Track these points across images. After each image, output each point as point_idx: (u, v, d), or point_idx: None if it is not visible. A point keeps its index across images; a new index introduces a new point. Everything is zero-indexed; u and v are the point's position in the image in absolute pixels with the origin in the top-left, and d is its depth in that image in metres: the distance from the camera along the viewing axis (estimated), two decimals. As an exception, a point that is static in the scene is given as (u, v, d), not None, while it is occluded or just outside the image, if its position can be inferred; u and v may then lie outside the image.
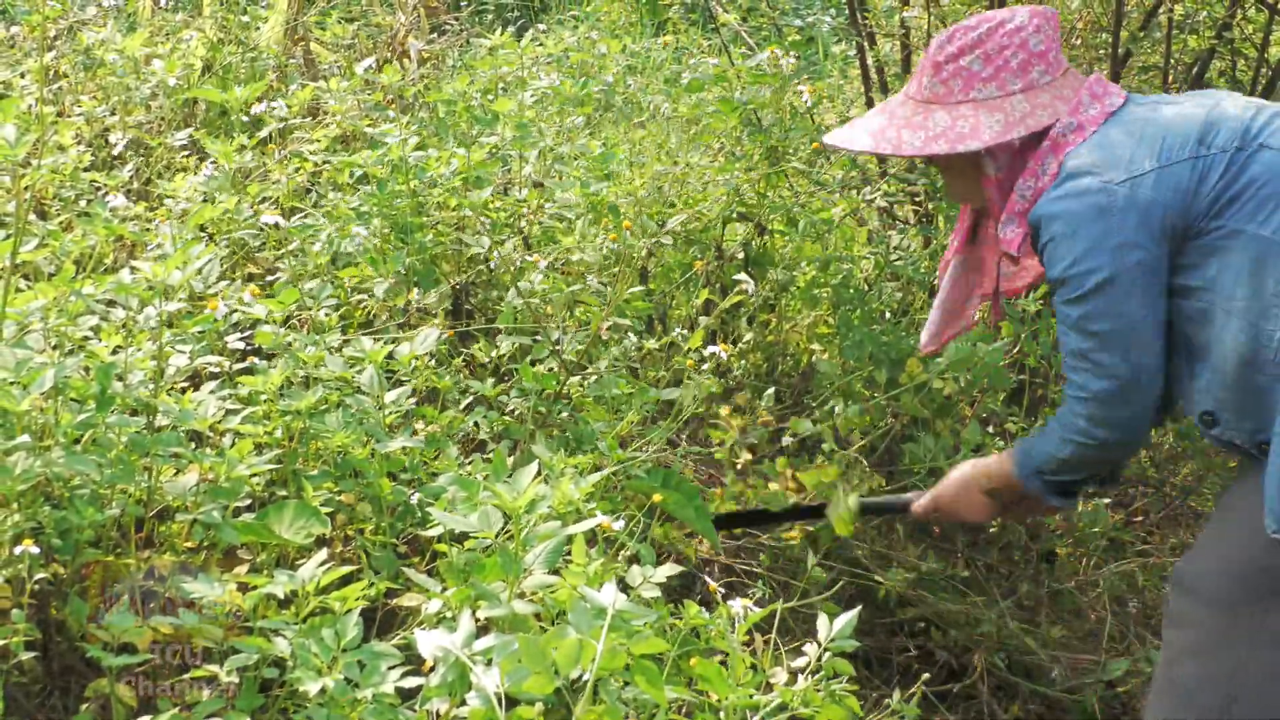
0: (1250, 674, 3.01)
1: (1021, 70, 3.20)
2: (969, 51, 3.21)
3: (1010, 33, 3.20)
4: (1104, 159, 3.05)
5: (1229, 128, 2.99)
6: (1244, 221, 2.90)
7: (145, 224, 4.22)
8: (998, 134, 3.17)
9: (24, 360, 2.80)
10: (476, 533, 2.78)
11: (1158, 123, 3.06)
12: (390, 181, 4.18)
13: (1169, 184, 2.96)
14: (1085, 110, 3.16)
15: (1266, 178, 2.91)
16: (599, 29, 7.53)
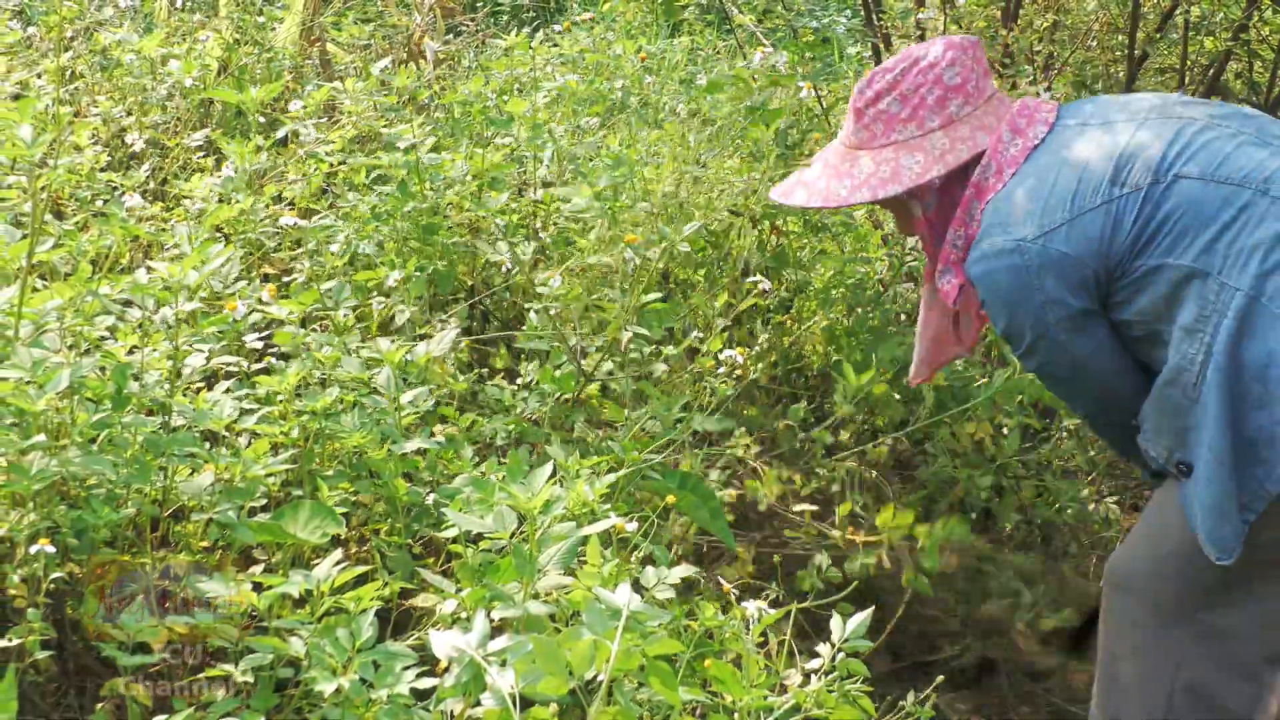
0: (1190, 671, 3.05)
1: (938, 106, 3.20)
2: (886, 94, 3.22)
3: (924, 69, 3.20)
4: (1017, 214, 3.04)
5: (1143, 161, 2.97)
6: (1165, 256, 2.90)
7: (161, 224, 4.23)
8: (917, 175, 3.17)
9: (40, 360, 2.81)
10: (491, 534, 2.78)
11: (1073, 163, 3.05)
12: (409, 183, 4.19)
13: (1081, 235, 2.96)
14: (1006, 150, 3.15)
15: (1183, 208, 2.90)
16: (614, 30, 7.52)
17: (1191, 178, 2.91)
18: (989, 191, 3.12)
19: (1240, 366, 2.79)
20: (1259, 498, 2.81)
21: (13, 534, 2.72)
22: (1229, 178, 2.90)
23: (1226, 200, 2.87)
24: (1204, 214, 2.87)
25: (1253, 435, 2.80)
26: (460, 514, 2.84)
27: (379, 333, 4.03)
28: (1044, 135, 3.15)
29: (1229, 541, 2.86)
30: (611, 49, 6.50)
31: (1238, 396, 2.80)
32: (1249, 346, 2.78)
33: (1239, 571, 2.91)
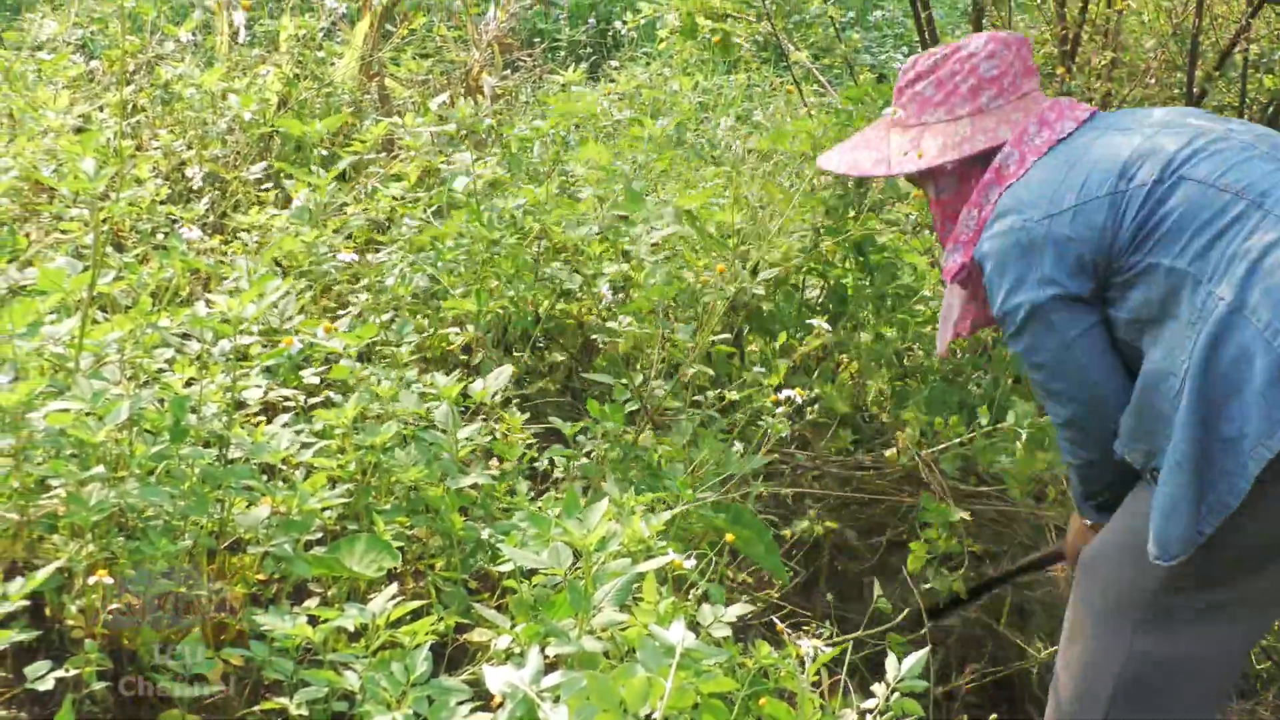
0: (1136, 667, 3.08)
1: (971, 95, 3.33)
2: (925, 77, 3.37)
3: (963, 59, 3.34)
4: (1029, 197, 3.13)
5: (1153, 161, 3.02)
6: (1160, 255, 2.94)
7: (221, 257, 4.25)
8: (933, 157, 3.31)
9: (100, 392, 2.82)
10: (546, 569, 2.78)
11: (1089, 157, 3.11)
12: (488, 213, 4.21)
13: (1085, 221, 3.03)
14: (1031, 139, 3.24)
15: (1183, 209, 2.94)
16: (671, 66, 7.54)
17: (1194, 180, 2.96)
18: (1008, 178, 3.22)
19: (1216, 376, 2.80)
20: (1216, 510, 2.82)
21: (71, 564, 2.74)
22: (1229, 186, 2.93)
23: (1223, 208, 2.90)
24: (1200, 217, 2.91)
25: (1220, 447, 2.81)
26: (515, 549, 2.84)
27: (440, 365, 4.04)
28: (1071, 131, 3.23)
29: (1173, 545, 2.88)
30: (668, 85, 6.51)
31: (1210, 405, 2.81)
32: (1225, 356, 2.79)
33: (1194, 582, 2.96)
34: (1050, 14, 5.69)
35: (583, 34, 10.72)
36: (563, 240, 4.31)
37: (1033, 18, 6.48)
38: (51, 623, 2.79)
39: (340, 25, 6.68)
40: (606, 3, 11.26)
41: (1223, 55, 5.48)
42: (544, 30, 10.74)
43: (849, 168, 3.50)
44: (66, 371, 3.02)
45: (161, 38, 5.69)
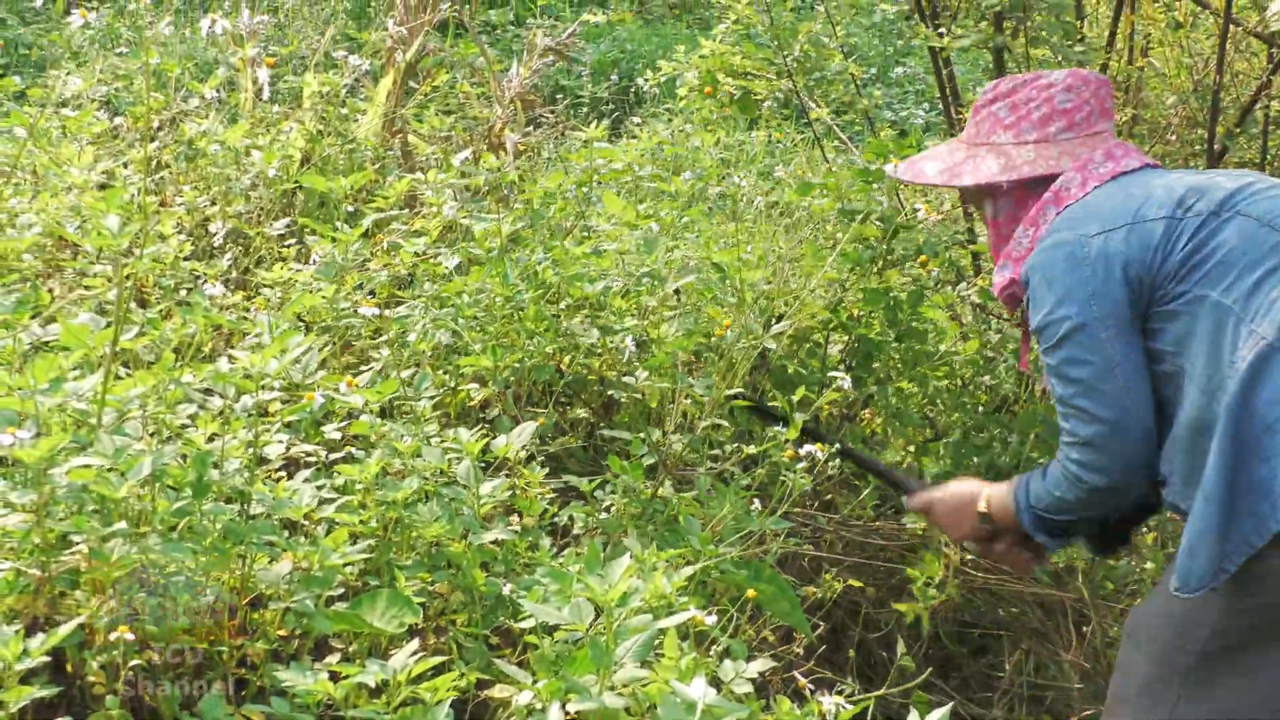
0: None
1: (1041, 123, 3.36)
2: (1001, 99, 3.41)
3: (1041, 87, 3.37)
4: (1087, 215, 3.15)
5: (1211, 195, 3.04)
6: (1208, 287, 2.94)
7: (243, 312, 4.26)
8: (992, 175, 3.35)
9: (122, 447, 2.83)
10: (568, 625, 2.78)
11: (1148, 188, 3.14)
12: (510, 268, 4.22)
13: (1139, 240, 3.03)
14: (1095, 168, 3.28)
15: (1234, 244, 2.94)
16: (692, 122, 7.56)
17: (1250, 217, 2.97)
18: (1067, 200, 3.25)
19: (1251, 414, 2.80)
20: (1240, 549, 2.81)
21: (93, 621, 2.74)
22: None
23: (1276, 247, 2.92)
24: (1253, 255, 2.92)
25: (1252, 485, 2.80)
26: (537, 605, 2.84)
27: (459, 420, 4.05)
28: (1135, 167, 3.27)
29: (1193, 579, 2.88)
30: (689, 141, 6.52)
31: (1243, 444, 2.81)
32: (1262, 396, 2.79)
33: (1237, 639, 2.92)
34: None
35: (605, 90, 10.76)
36: (582, 296, 4.31)
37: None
38: (73, 679, 2.79)
39: (363, 82, 6.70)
40: (629, 60, 11.30)
41: (1244, 111, 5.48)
42: (566, 87, 10.78)
43: (914, 175, 3.55)
44: (89, 427, 3.02)
45: (186, 94, 5.72)
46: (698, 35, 9.94)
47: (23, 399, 2.86)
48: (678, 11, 13.30)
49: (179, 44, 8.88)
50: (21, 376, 2.88)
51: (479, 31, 8.16)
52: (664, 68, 7.21)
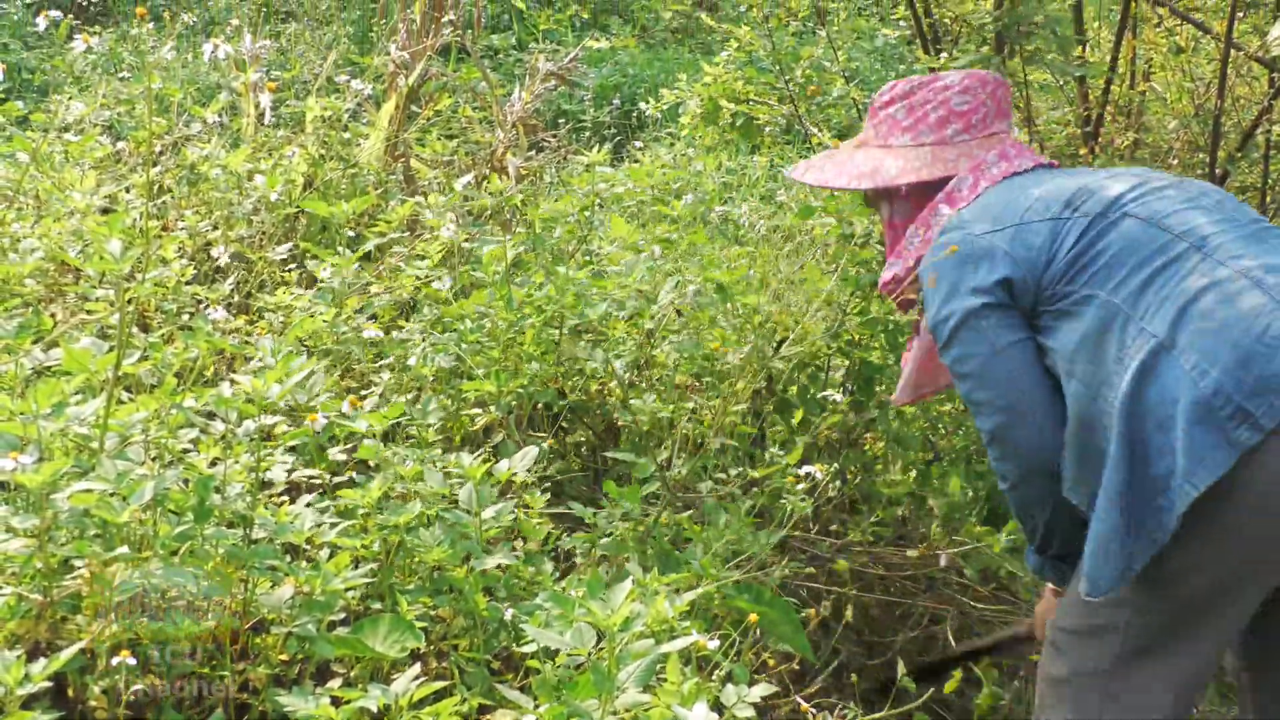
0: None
1: (938, 125, 3.41)
2: (898, 101, 3.46)
3: (937, 89, 3.43)
4: (975, 215, 3.19)
5: (1100, 196, 3.08)
6: (1096, 287, 2.98)
7: (245, 337, 4.26)
8: (890, 178, 3.39)
9: (124, 472, 2.83)
10: (570, 650, 2.77)
11: (1040, 186, 3.18)
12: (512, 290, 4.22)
13: (1024, 241, 3.08)
14: (988, 169, 3.33)
15: (1122, 244, 2.98)
16: (695, 146, 7.57)
17: (1138, 217, 3.01)
18: (959, 201, 3.31)
19: (1144, 412, 2.83)
20: (1146, 546, 2.84)
21: (94, 645, 2.74)
22: (1172, 227, 2.98)
23: (1163, 247, 2.95)
24: (1140, 254, 2.95)
25: (1151, 483, 2.83)
26: (539, 629, 2.83)
27: (462, 445, 4.04)
28: (1028, 167, 3.33)
29: (1103, 581, 2.92)
30: (691, 165, 6.54)
31: (1139, 441, 2.84)
32: (1153, 393, 2.82)
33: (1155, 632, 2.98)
34: (1073, 95, 5.71)
35: (607, 115, 10.77)
36: (585, 321, 4.31)
37: (1056, 98, 6.51)
38: (74, 704, 2.78)
39: (366, 106, 6.71)
40: (631, 84, 11.32)
41: (1245, 136, 5.49)
42: (569, 111, 10.80)
43: (814, 180, 3.58)
44: (91, 452, 3.02)
45: (188, 119, 5.73)
46: (700, 60, 9.97)
47: (25, 424, 2.86)
48: (680, 36, 13.32)
49: (181, 69, 8.90)
50: (24, 401, 2.88)
51: (481, 56, 8.17)
52: (666, 95, 7.22)
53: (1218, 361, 2.76)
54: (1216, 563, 2.87)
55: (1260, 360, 2.73)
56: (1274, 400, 2.72)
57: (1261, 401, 2.72)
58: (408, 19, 6.91)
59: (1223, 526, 2.81)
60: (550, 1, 10.34)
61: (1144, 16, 6.15)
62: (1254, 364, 2.74)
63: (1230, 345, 2.76)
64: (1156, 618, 2.96)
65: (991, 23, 5.17)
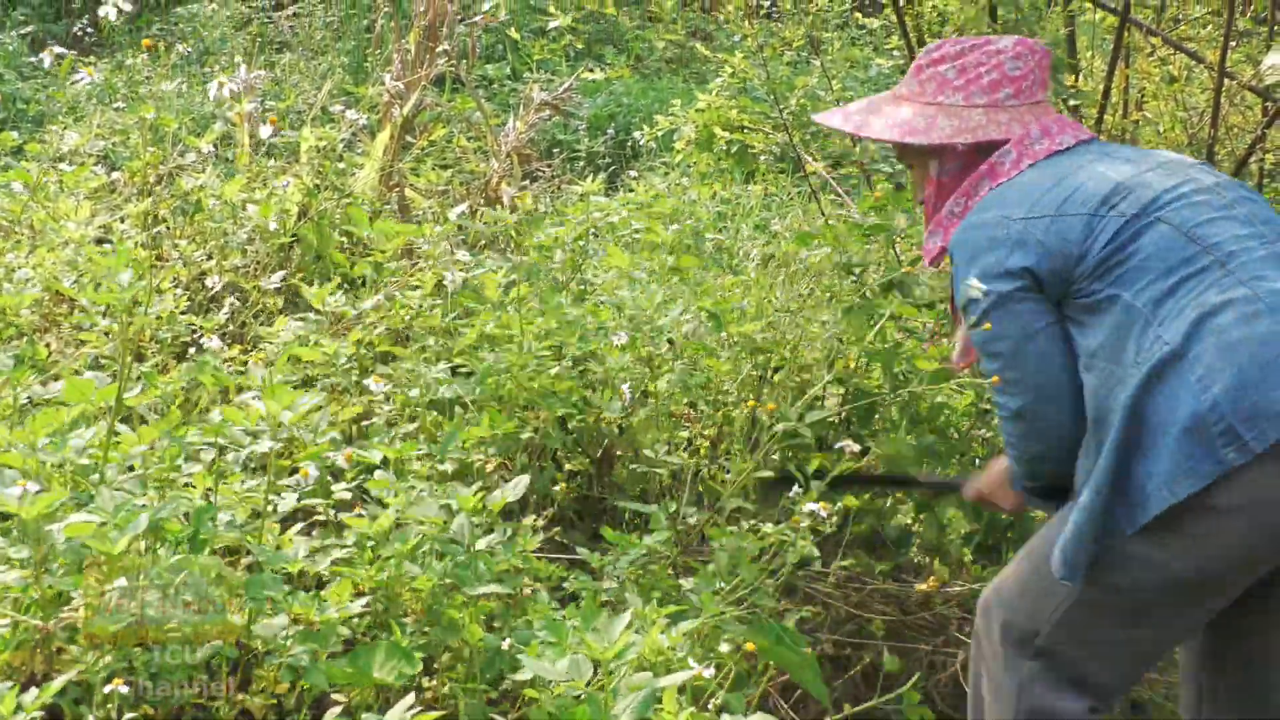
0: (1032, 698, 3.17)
1: (991, 88, 3.40)
2: (949, 60, 3.44)
3: (990, 53, 3.41)
4: (1014, 197, 3.20)
5: (1137, 196, 3.09)
6: (1122, 288, 3.00)
7: (240, 366, 4.26)
8: (947, 135, 3.37)
9: (122, 503, 2.83)
10: (566, 681, 2.77)
11: (1079, 176, 3.18)
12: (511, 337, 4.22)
13: (1059, 233, 3.09)
14: (1031, 144, 3.33)
15: (1151, 250, 3.00)
16: (689, 175, 7.58)
17: (1170, 225, 3.03)
18: (1001, 176, 3.31)
19: (1145, 414, 2.88)
20: (1112, 535, 2.92)
21: (89, 676, 2.73)
22: (1201, 239, 3.00)
23: (1190, 258, 2.97)
24: (1167, 262, 2.98)
25: (1131, 480, 2.89)
26: (535, 659, 2.83)
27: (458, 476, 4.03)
28: (1070, 145, 3.32)
29: (1080, 566, 2.97)
30: (686, 194, 6.54)
31: (1132, 441, 2.89)
32: (1158, 397, 2.87)
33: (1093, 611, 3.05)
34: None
35: (601, 145, 10.78)
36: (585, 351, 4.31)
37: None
38: (70, 734, 2.78)
39: (361, 136, 6.72)
40: (625, 114, 11.33)
41: (1239, 164, 5.50)
42: (563, 141, 10.81)
43: (855, 126, 3.54)
44: (90, 483, 3.02)
45: (183, 149, 5.73)
46: (694, 90, 9.98)
47: (24, 455, 2.86)
48: (674, 66, 13.34)
49: (176, 98, 8.91)
50: (21, 432, 2.87)
51: (475, 86, 8.19)
52: (661, 122, 7.23)
53: (1219, 379, 2.80)
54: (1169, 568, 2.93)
55: (1259, 387, 2.77)
56: (1266, 429, 2.75)
57: (1253, 427, 2.76)
58: (402, 49, 6.93)
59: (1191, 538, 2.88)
60: (544, 31, 10.33)
61: (1137, 46, 6.16)
62: (1253, 389, 2.77)
63: (1236, 367, 2.80)
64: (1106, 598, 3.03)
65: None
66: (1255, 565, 2.95)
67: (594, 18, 6.24)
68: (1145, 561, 2.93)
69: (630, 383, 4.33)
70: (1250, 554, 2.91)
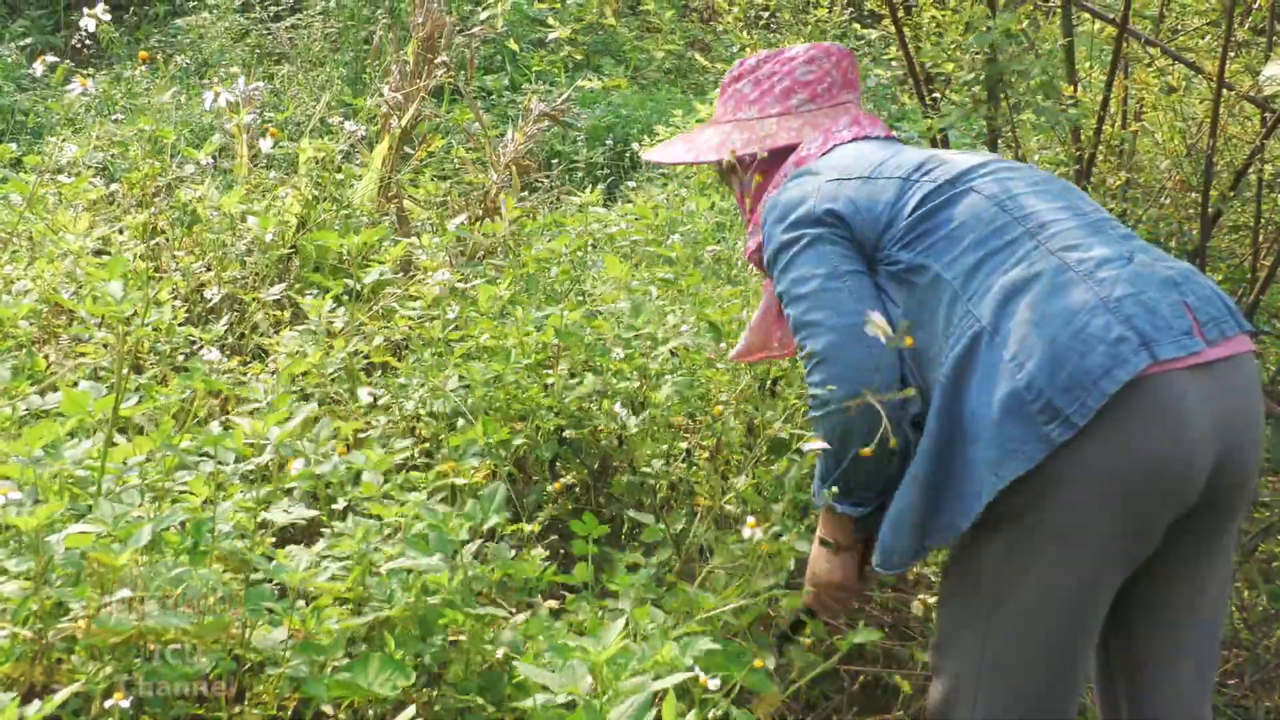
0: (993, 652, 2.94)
1: (783, 95, 3.41)
2: (746, 75, 3.46)
3: (783, 61, 3.43)
4: (826, 164, 3.18)
5: (948, 165, 3.06)
6: (932, 259, 2.95)
7: (239, 378, 4.26)
8: (738, 148, 3.37)
9: (121, 514, 2.83)
10: (562, 687, 2.76)
11: (888, 152, 3.17)
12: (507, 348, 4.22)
13: (868, 196, 3.06)
14: (838, 132, 3.33)
15: (963, 219, 2.95)
16: (688, 186, 7.58)
17: (982, 194, 2.99)
18: (807, 160, 3.28)
19: (961, 399, 2.81)
20: (946, 529, 2.83)
21: (89, 688, 2.73)
22: (1012, 210, 2.95)
23: (1001, 228, 2.92)
24: (979, 233, 2.92)
25: (957, 468, 2.81)
26: (530, 667, 2.83)
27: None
28: (879, 135, 3.33)
29: (895, 557, 2.93)
30: (685, 205, 6.55)
31: (954, 427, 2.81)
32: (972, 380, 2.80)
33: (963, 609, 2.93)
34: (1065, 134, 5.72)
35: (600, 155, 10.79)
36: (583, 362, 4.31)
37: (1048, 137, 6.52)
38: (68, 746, 2.78)
39: (359, 148, 6.73)
40: (624, 125, 11.34)
41: (1237, 175, 5.49)
42: (562, 152, 10.81)
43: (661, 157, 3.56)
44: (88, 494, 3.02)
45: (181, 160, 5.74)
46: (693, 100, 9.98)
47: (21, 466, 2.86)
48: (673, 77, 13.35)
49: (175, 110, 8.92)
50: (18, 443, 2.88)
51: (474, 97, 8.20)
52: (660, 133, 7.23)
53: (1033, 355, 2.72)
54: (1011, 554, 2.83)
55: (1074, 357, 2.69)
56: (1085, 398, 2.67)
57: (1072, 399, 2.68)
58: (401, 60, 6.93)
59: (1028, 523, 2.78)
60: (543, 43, 10.34)
61: (1136, 56, 6.16)
62: (1068, 360, 2.69)
63: (1048, 340, 2.72)
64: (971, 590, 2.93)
65: (974, 81, 5.18)
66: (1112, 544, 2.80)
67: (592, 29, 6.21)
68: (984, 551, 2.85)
69: (626, 396, 4.33)
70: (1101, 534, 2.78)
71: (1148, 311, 2.74)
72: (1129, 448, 2.70)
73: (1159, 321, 2.73)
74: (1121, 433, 2.70)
